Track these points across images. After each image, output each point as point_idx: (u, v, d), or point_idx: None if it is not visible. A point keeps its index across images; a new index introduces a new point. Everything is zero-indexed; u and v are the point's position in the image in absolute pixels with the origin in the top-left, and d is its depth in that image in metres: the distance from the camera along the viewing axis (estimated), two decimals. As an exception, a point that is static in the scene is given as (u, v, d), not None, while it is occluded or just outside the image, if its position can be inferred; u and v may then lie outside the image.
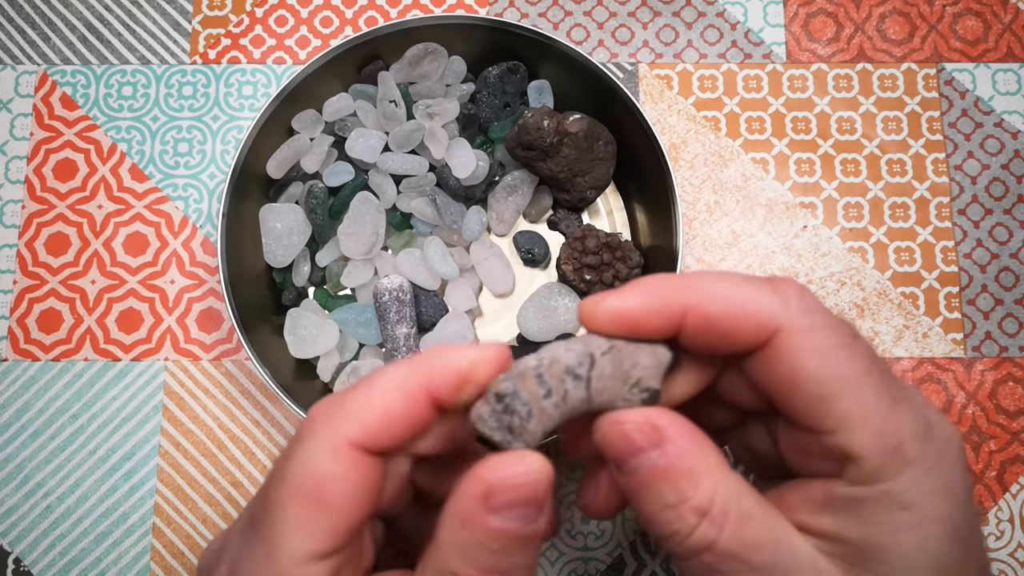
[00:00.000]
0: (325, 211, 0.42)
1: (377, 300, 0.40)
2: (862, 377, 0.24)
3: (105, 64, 0.47)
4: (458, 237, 0.43)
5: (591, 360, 0.25)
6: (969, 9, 0.47)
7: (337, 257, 0.42)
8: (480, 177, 0.42)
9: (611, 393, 0.25)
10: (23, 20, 0.47)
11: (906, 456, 0.24)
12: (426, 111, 0.42)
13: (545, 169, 0.42)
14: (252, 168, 0.41)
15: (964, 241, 0.45)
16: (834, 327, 0.25)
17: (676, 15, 0.47)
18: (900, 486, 0.24)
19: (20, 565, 0.41)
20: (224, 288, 0.38)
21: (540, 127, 0.40)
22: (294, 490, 0.23)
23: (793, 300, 0.25)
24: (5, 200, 0.45)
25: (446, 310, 0.42)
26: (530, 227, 0.44)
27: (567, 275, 0.42)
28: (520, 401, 0.24)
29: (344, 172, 0.42)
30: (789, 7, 0.48)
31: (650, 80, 0.47)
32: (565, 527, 0.41)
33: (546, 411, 0.25)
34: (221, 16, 0.47)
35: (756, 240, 0.45)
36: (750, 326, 0.25)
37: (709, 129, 0.46)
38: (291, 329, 0.41)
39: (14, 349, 0.44)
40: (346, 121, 0.43)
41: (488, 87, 0.43)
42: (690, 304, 0.25)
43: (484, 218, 0.43)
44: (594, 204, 0.45)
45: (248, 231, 0.41)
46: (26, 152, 0.46)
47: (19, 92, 0.46)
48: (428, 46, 0.42)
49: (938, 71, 0.47)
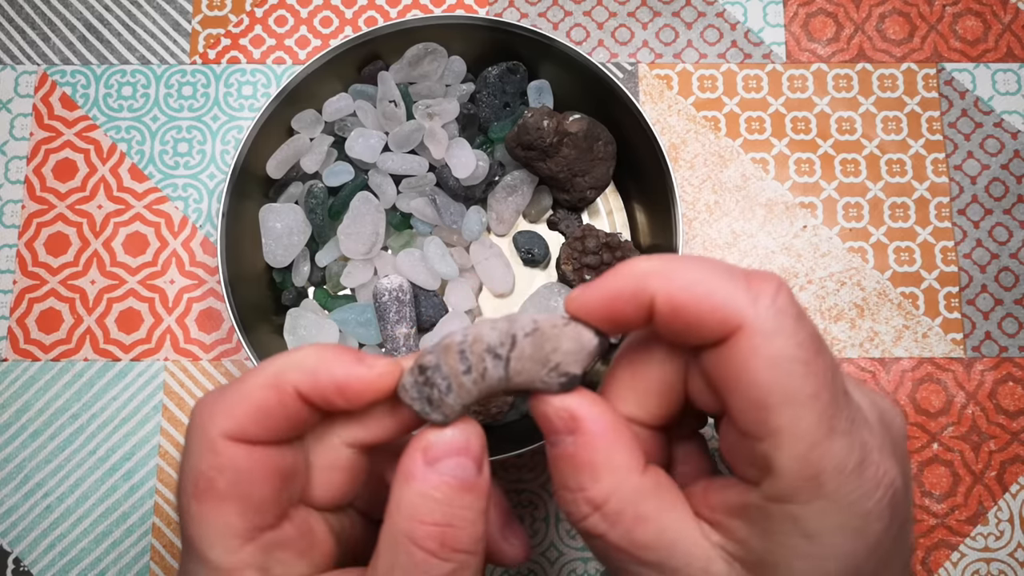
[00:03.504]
0: (325, 211, 0.42)
1: (377, 300, 0.40)
2: (807, 399, 0.24)
3: (105, 64, 0.47)
4: (458, 237, 0.43)
5: (512, 340, 0.26)
6: (969, 9, 0.47)
7: (337, 257, 0.42)
8: (480, 177, 0.42)
9: (529, 375, 0.26)
10: (23, 20, 0.47)
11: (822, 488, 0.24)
12: (426, 111, 0.42)
13: (545, 169, 0.42)
14: (252, 168, 0.41)
15: (964, 241, 0.45)
16: (797, 337, 0.24)
17: (676, 15, 0.47)
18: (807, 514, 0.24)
19: (20, 565, 0.41)
20: (224, 288, 0.38)
21: (540, 127, 0.40)
22: (190, 490, 0.25)
23: (764, 299, 0.24)
24: (5, 200, 0.45)
25: (446, 310, 0.42)
26: (530, 227, 0.44)
27: (567, 275, 0.42)
28: (440, 375, 0.25)
29: (344, 172, 0.42)
30: (789, 7, 0.48)
31: (650, 80, 0.47)
32: (564, 527, 0.41)
33: (465, 386, 0.26)
34: (221, 16, 0.47)
35: (756, 240, 0.45)
36: (714, 319, 0.24)
37: (709, 129, 0.46)
38: (291, 329, 0.41)
39: (14, 349, 0.44)
40: (346, 121, 0.43)
41: (488, 87, 0.43)
42: (659, 290, 0.25)
43: (484, 218, 0.43)
44: (594, 204, 0.45)
45: (248, 231, 0.41)
46: (26, 152, 0.46)
47: (19, 92, 0.46)
48: (428, 46, 0.42)
49: (938, 71, 0.47)
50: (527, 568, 0.41)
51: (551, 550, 0.41)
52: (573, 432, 0.26)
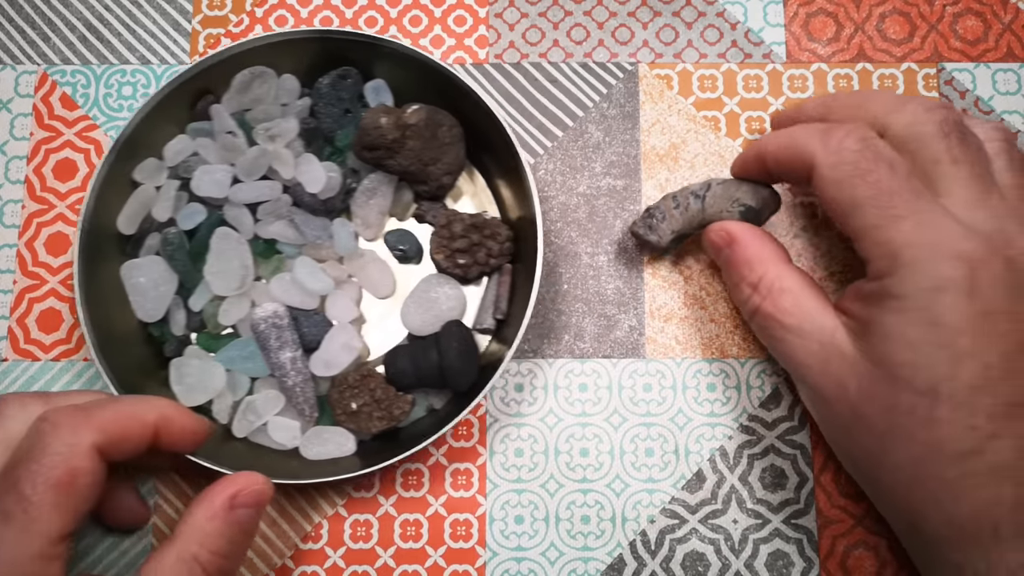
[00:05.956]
0: (185, 256, 0.41)
1: (255, 331, 0.40)
2: (868, 199, 0.32)
3: (105, 64, 0.47)
4: (328, 251, 0.42)
5: (708, 186, 0.40)
6: (969, 9, 0.47)
7: (211, 298, 0.42)
8: (335, 188, 0.42)
9: (718, 207, 0.39)
10: (23, 20, 0.47)
11: (899, 259, 0.31)
12: (266, 135, 0.42)
13: (395, 166, 0.41)
14: (105, 227, 0.41)
15: (964, 241, 0.45)
16: (855, 161, 0.33)
17: (676, 15, 0.47)
18: (894, 283, 0.32)
19: (20, 565, 0.41)
20: (94, 353, 0.38)
21: (378, 126, 0.40)
22: (52, 480, 0.30)
23: (832, 141, 0.34)
24: (5, 200, 0.45)
25: (331, 325, 0.42)
26: (402, 225, 0.44)
27: (440, 264, 0.42)
28: (659, 211, 0.40)
29: (197, 213, 0.42)
30: (789, 7, 0.48)
31: (650, 80, 0.47)
32: (564, 527, 0.41)
33: (675, 216, 0.40)
34: (221, 16, 0.47)
35: (756, 240, 0.45)
36: (797, 162, 0.35)
37: (709, 129, 0.46)
38: (177, 379, 0.40)
39: (14, 349, 0.44)
40: (189, 162, 0.42)
41: (322, 98, 0.43)
42: (767, 149, 0.37)
43: (351, 228, 0.42)
44: (457, 188, 0.44)
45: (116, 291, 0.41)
46: (26, 152, 0.46)
47: (19, 92, 0.46)
48: (254, 70, 0.42)
49: (938, 71, 0.47)
50: (527, 568, 0.41)
51: (551, 550, 0.41)
52: (730, 244, 0.38)
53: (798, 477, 0.42)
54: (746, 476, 0.42)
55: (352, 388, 0.40)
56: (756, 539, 0.41)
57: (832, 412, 0.35)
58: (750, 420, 0.42)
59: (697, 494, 0.42)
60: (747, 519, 0.41)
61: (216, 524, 0.32)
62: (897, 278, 0.31)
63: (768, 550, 0.41)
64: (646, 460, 0.42)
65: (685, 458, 0.42)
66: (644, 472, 0.42)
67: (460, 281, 0.43)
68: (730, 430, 0.42)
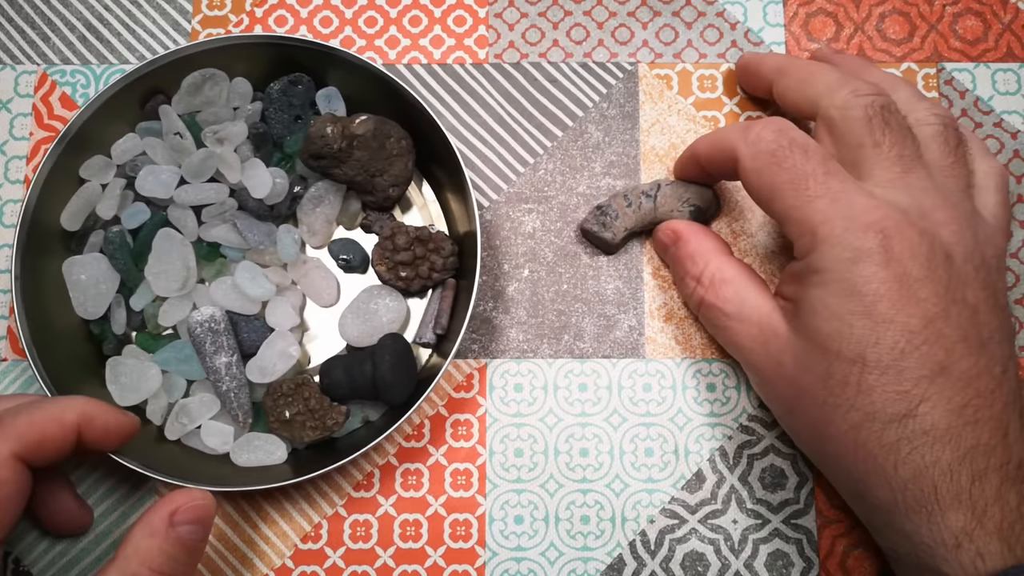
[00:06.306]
0: (126, 255, 0.41)
1: (191, 335, 0.40)
2: (786, 183, 0.34)
3: (105, 64, 0.47)
4: (272, 256, 0.42)
5: (658, 186, 0.42)
6: (969, 9, 0.47)
7: (152, 299, 0.41)
8: (280, 194, 0.42)
9: (669, 206, 0.42)
10: (23, 20, 0.47)
11: (818, 236, 0.33)
12: (214, 137, 0.41)
13: (341, 175, 0.41)
14: (47, 223, 0.41)
15: (964, 241, 0.45)
16: (771, 150, 0.35)
17: (676, 15, 0.47)
18: (816, 258, 0.33)
19: (20, 565, 0.41)
20: (28, 351, 0.38)
21: (324, 135, 0.40)
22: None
23: (751, 135, 0.36)
24: (5, 200, 0.45)
25: (271, 331, 0.41)
26: (349, 234, 0.44)
27: (383, 276, 0.42)
28: (612, 210, 0.42)
29: (140, 212, 0.42)
30: (789, 7, 0.48)
31: (650, 80, 0.47)
32: (564, 527, 0.41)
33: (628, 215, 0.42)
34: (221, 16, 0.47)
35: (756, 240, 0.45)
36: (724, 158, 0.37)
37: (709, 129, 0.46)
38: (112, 379, 0.40)
39: (14, 349, 0.44)
40: (136, 161, 0.42)
41: (273, 103, 0.43)
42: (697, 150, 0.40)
43: (296, 234, 0.42)
44: (406, 199, 0.44)
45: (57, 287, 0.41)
46: (26, 152, 0.46)
47: (19, 92, 0.47)
48: (205, 72, 0.42)
49: (938, 71, 0.47)
50: (527, 568, 0.41)
51: (551, 550, 0.41)
52: (676, 242, 0.41)
53: (798, 477, 0.42)
54: (746, 476, 0.42)
55: (286, 396, 0.39)
56: (756, 539, 0.41)
57: (775, 391, 0.36)
58: (750, 420, 0.42)
59: (697, 494, 0.42)
60: (747, 519, 0.41)
61: (156, 542, 0.32)
62: (818, 254, 0.33)
63: (768, 550, 0.41)
64: (646, 460, 0.42)
65: (685, 458, 0.42)
66: (644, 472, 0.42)
67: (403, 293, 0.42)
68: (730, 430, 0.42)
